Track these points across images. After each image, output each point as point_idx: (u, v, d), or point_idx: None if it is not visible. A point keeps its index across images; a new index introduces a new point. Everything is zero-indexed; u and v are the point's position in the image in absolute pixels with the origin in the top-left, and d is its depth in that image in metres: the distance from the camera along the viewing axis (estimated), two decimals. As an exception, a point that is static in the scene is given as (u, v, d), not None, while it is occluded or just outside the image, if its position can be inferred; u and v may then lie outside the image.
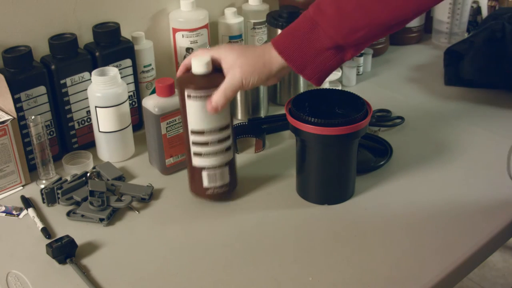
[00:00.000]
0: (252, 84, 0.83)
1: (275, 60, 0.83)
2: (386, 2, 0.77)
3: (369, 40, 0.82)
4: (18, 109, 0.95)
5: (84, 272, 0.78)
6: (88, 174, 0.95)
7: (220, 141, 0.86)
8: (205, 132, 0.85)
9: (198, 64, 0.83)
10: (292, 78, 1.19)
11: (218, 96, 0.82)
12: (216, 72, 0.84)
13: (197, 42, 1.17)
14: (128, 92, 1.04)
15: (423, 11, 0.81)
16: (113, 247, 0.83)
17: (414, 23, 1.48)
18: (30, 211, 0.90)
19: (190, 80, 0.84)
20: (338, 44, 0.80)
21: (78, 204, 0.90)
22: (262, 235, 0.85)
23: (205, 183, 0.89)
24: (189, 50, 1.18)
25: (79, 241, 0.82)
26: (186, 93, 0.83)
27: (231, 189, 0.92)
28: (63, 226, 0.87)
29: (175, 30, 1.17)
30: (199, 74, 0.83)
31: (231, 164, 0.90)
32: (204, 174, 0.88)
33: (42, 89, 0.97)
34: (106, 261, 0.81)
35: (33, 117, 0.92)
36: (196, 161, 0.88)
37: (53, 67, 0.98)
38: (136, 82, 1.10)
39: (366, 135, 1.04)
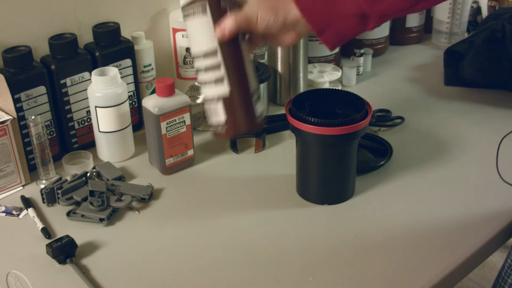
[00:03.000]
0: (267, 23, 0.76)
1: (294, 11, 0.77)
2: None
3: (394, 13, 0.77)
4: (18, 109, 0.95)
5: (84, 272, 0.78)
6: (88, 174, 0.95)
7: (207, 69, 0.77)
8: (191, 55, 0.78)
9: None
10: (292, 78, 1.19)
11: (228, 20, 0.76)
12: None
13: (197, 42, 1.17)
14: (128, 92, 1.04)
15: None
16: (113, 247, 0.83)
17: (414, 23, 1.49)
18: (30, 211, 0.90)
19: None
20: (363, 11, 0.75)
21: (78, 204, 0.90)
22: (262, 235, 0.85)
23: (209, 120, 0.80)
24: (189, 50, 1.18)
25: (79, 241, 0.82)
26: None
27: (233, 130, 0.78)
28: (63, 226, 0.87)
29: (175, 30, 1.17)
30: None
31: (227, 101, 0.77)
32: (205, 109, 0.80)
33: (42, 89, 0.97)
34: (106, 261, 0.81)
35: (33, 117, 0.92)
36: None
37: (53, 67, 0.98)
38: (136, 82, 1.10)
39: (366, 135, 1.04)
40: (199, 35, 0.76)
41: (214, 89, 0.77)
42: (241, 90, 0.77)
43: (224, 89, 0.76)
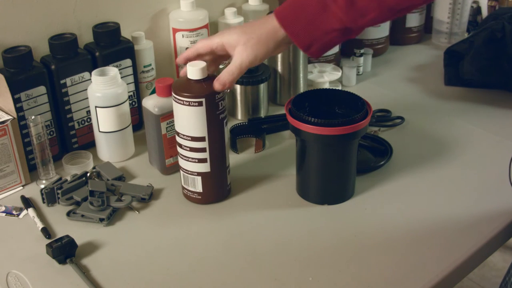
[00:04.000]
0: (261, 56, 0.82)
1: (280, 30, 0.81)
2: None
3: (377, 23, 0.81)
4: (18, 109, 0.95)
5: (84, 272, 0.78)
6: (88, 174, 0.95)
7: (192, 149, 0.87)
8: (179, 134, 0.87)
9: (192, 70, 0.83)
10: (292, 78, 1.19)
11: (226, 74, 0.81)
12: (211, 79, 0.85)
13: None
14: (128, 92, 1.04)
15: None
16: (113, 247, 0.83)
17: (414, 23, 1.48)
18: (30, 211, 0.90)
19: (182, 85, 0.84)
20: (346, 26, 0.79)
21: (78, 204, 0.90)
22: (262, 235, 0.85)
23: (182, 181, 0.92)
24: (189, 50, 1.18)
25: (79, 241, 0.82)
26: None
27: (205, 200, 0.91)
28: (63, 226, 0.87)
29: (175, 30, 1.17)
30: (193, 79, 0.84)
31: (205, 176, 0.89)
32: (181, 173, 0.91)
33: (42, 89, 0.97)
34: (106, 261, 0.81)
35: (33, 117, 0.92)
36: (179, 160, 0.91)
37: (53, 67, 0.98)
38: (136, 82, 1.10)
39: (366, 135, 1.04)
40: (190, 121, 0.84)
41: (195, 166, 0.88)
42: (220, 169, 0.89)
43: (205, 168, 0.88)
